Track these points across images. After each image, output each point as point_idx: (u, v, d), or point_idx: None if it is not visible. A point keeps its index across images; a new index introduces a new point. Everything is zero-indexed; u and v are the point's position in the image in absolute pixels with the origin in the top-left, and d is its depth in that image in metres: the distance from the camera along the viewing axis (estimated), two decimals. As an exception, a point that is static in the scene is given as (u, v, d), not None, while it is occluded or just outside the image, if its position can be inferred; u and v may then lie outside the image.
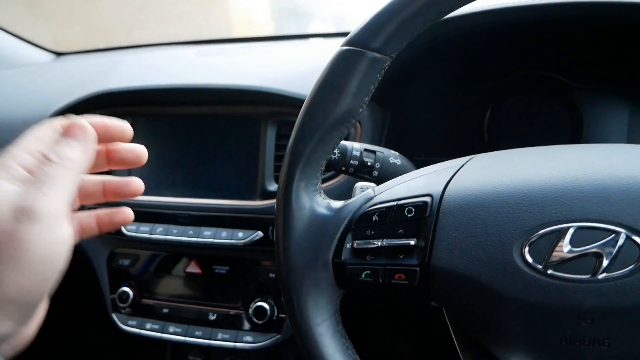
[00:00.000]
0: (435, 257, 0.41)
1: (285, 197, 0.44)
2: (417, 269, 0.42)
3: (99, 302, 0.92)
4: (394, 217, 0.43)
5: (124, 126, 0.40)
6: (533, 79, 0.78)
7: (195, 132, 0.82)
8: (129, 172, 0.83)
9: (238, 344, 0.82)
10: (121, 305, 0.88)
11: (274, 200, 0.76)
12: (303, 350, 0.44)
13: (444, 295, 0.42)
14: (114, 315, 0.90)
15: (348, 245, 0.44)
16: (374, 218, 0.44)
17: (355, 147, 0.56)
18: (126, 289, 0.88)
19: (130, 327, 0.88)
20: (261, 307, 0.80)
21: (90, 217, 0.42)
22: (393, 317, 0.95)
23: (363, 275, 0.43)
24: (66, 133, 0.35)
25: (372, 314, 0.95)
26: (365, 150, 0.56)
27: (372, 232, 0.43)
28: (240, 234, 0.78)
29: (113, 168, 0.41)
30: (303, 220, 0.44)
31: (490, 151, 0.47)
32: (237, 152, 0.80)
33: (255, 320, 0.81)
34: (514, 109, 0.80)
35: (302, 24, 1.53)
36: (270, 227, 0.75)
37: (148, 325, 0.87)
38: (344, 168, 0.56)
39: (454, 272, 0.40)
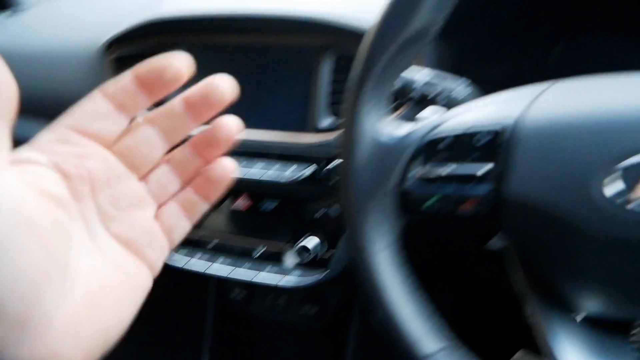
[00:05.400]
0: (508, 186, 0.39)
1: (350, 121, 0.42)
2: (487, 198, 0.39)
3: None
4: (463, 144, 0.41)
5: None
6: (608, 17, 0.72)
7: (246, 63, 0.79)
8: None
9: (282, 281, 0.83)
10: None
11: (327, 136, 0.74)
12: (362, 277, 0.43)
13: (515, 227, 0.40)
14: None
15: (414, 173, 0.42)
16: (441, 145, 0.41)
17: (421, 74, 0.53)
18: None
19: (177, 260, 0.90)
20: (309, 243, 0.80)
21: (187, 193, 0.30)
22: (441, 262, 0.93)
23: (428, 204, 0.42)
24: None
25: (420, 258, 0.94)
26: (432, 77, 0.53)
27: (440, 159, 0.41)
28: (291, 170, 0.77)
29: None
30: (367, 146, 0.42)
31: None
32: (290, 85, 0.78)
33: (302, 257, 0.81)
34: (584, 51, 0.74)
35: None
36: (323, 162, 0.74)
37: (197, 256, 0.88)
38: (410, 96, 0.53)
39: (528, 201, 0.38)
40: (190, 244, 0.89)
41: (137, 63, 0.27)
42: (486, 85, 0.80)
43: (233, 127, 0.29)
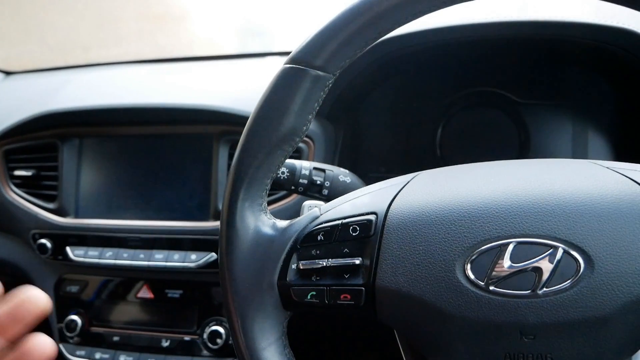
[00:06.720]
0: (380, 276, 0.40)
1: (229, 217, 0.43)
2: (363, 288, 0.41)
3: (45, 331, 0.87)
4: (339, 236, 0.42)
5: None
6: (481, 95, 0.80)
7: (146, 153, 0.80)
8: (77, 194, 0.80)
9: (193, 371, 0.79)
10: (69, 334, 0.84)
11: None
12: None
13: (390, 315, 0.41)
14: (60, 346, 0.85)
15: (294, 266, 0.43)
16: (319, 237, 0.43)
17: (304, 165, 0.56)
18: (74, 317, 0.84)
19: (78, 357, 0.84)
20: (216, 331, 0.78)
21: None
22: (347, 340, 0.93)
23: (309, 297, 0.42)
24: None
25: (325, 337, 0.93)
26: (315, 168, 0.56)
27: (318, 252, 0.42)
28: (193, 256, 0.76)
29: None
30: (247, 240, 0.43)
31: (442, 166, 0.47)
32: (189, 173, 0.78)
33: (210, 345, 0.78)
34: (464, 125, 0.81)
35: (265, 44, 1.53)
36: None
37: (97, 355, 0.83)
38: (293, 187, 0.55)
39: (398, 291, 0.40)
40: (94, 339, 0.84)
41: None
42: (381, 166, 0.85)
43: (40, 300, 0.28)
